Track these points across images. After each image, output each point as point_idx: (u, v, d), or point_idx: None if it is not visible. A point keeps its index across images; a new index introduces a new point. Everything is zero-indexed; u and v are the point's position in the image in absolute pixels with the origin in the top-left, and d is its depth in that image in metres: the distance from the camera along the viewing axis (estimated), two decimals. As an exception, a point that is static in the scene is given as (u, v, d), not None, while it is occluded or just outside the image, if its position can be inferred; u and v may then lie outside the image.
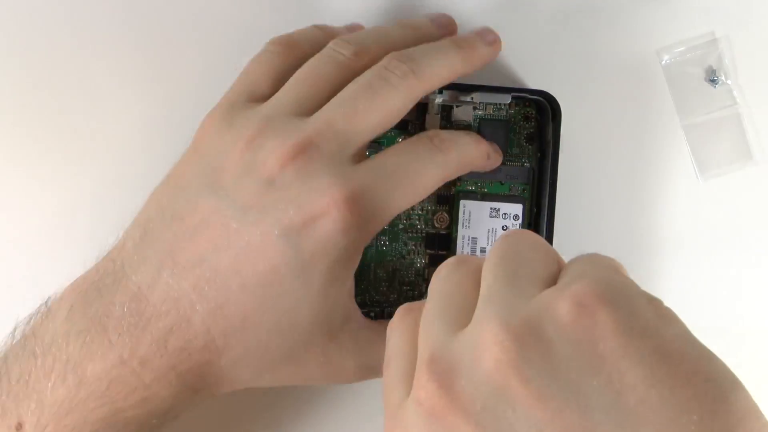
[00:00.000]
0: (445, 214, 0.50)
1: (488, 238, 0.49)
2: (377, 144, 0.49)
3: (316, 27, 0.46)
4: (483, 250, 0.49)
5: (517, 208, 0.49)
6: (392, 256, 0.50)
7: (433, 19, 0.48)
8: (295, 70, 0.44)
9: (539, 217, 0.49)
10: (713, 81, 0.52)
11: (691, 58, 0.52)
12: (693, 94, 0.52)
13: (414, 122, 0.50)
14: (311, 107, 0.42)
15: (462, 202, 0.49)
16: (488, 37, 0.46)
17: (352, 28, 0.48)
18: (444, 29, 0.48)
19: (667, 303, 0.52)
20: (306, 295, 0.41)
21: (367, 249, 0.50)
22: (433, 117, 0.49)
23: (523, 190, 0.50)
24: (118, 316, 0.40)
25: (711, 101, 0.52)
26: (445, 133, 0.45)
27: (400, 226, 0.50)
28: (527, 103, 0.50)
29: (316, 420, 0.52)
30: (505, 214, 0.49)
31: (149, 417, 0.41)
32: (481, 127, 0.50)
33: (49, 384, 0.40)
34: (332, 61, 0.43)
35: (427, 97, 0.48)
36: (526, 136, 0.50)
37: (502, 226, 0.49)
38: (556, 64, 0.52)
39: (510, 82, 0.51)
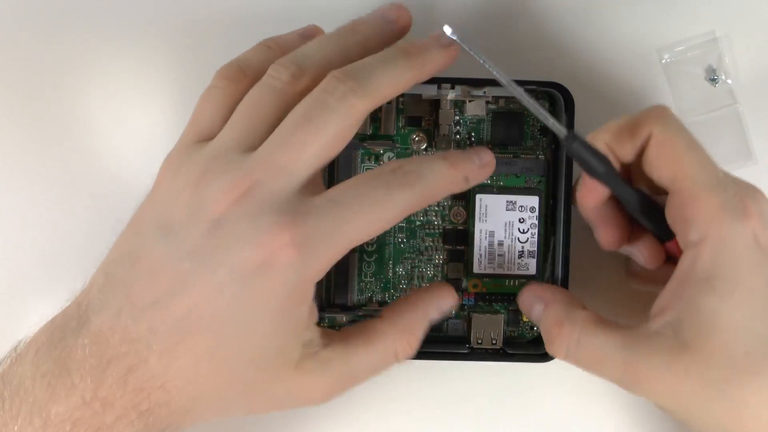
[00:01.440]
0: (462, 209, 0.50)
1: (506, 231, 0.49)
2: (391, 141, 0.50)
3: (265, 45, 0.46)
4: (500, 244, 0.49)
5: (533, 200, 0.49)
6: (410, 253, 0.50)
7: (382, 13, 0.46)
8: (240, 99, 0.44)
9: (556, 209, 0.49)
10: (713, 80, 0.52)
11: (691, 57, 0.52)
12: (693, 92, 0.52)
13: (428, 118, 0.50)
14: (254, 142, 0.42)
15: (478, 196, 0.49)
16: (443, 40, 0.44)
17: (306, 34, 0.47)
18: (392, 24, 0.46)
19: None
20: (259, 332, 0.41)
21: (384, 247, 0.50)
22: (446, 112, 0.49)
23: (539, 182, 0.50)
24: (80, 359, 0.40)
25: (711, 100, 0.52)
26: (410, 164, 0.42)
27: (417, 223, 0.50)
28: (540, 95, 0.50)
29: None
30: (521, 206, 0.49)
31: None
32: (494, 121, 0.50)
33: (16, 427, 0.40)
34: (270, 90, 0.43)
35: (439, 93, 0.48)
36: (540, 129, 0.50)
37: (519, 219, 0.49)
38: (557, 63, 0.52)
39: (524, 76, 0.51)
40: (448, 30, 0.43)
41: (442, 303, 0.46)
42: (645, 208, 0.44)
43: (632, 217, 0.46)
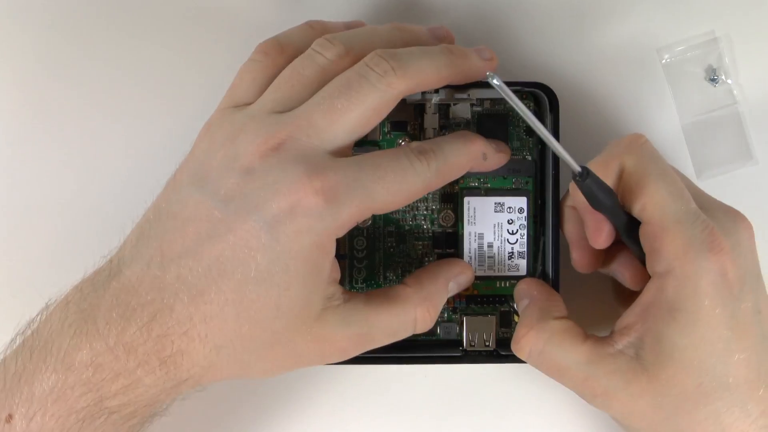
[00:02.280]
0: (450, 212, 0.50)
1: (495, 233, 0.49)
2: (377, 146, 0.50)
3: (309, 25, 0.47)
4: (490, 246, 0.49)
5: (521, 201, 0.49)
6: (400, 257, 0.50)
7: (430, 29, 0.48)
8: (277, 73, 0.45)
9: (544, 209, 0.49)
10: (713, 80, 0.52)
11: (691, 57, 0.52)
12: (693, 93, 0.52)
13: (413, 122, 0.50)
14: (293, 105, 0.43)
15: (466, 199, 0.49)
16: (484, 53, 0.46)
17: (351, 26, 0.48)
18: (440, 41, 0.48)
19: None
20: (284, 281, 0.41)
21: (374, 252, 0.50)
22: (430, 116, 0.49)
23: (527, 182, 0.50)
24: (108, 307, 0.42)
25: (711, 100, 0.52)
26: (428, 144, 0.44)
27: (407, 228, 0.50)
28: (524, 96, 0.50)
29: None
30: (510, 207, 0.49)
31: (134, 408, 0.42)
32: (480, 123, 0.50)
33: (40, 375, 0.41)
34: (313, 62, 0.44)
35: (423, 97, 0.48)
36: (525, 129, 0.50)
37: (508, 220, 0.49)
38: (557, 62, 0.52)
39: (508, 77, 0.51)
40: (492, 77, 0.43)
41: (461, 277, 0.48)
42: (633, 233, 0.45)
43: (618, 240, 0.46)
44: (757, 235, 0.51)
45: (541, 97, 0.49)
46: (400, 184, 0.43)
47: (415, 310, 0.45)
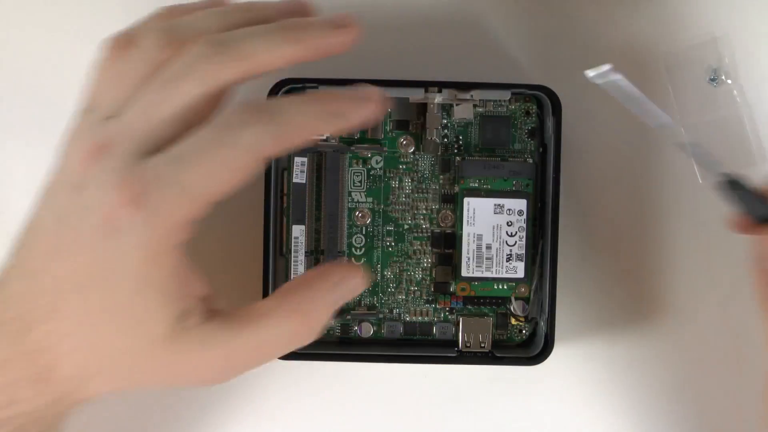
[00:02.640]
0: (450, 213, 0.50)
1: (494, 234, 0.49)
2: (378, 144, 0.50)
3: (158, 14, 0.44)
4: (489, 247, 0.49)
5: (521, 204, 0.49)
6: (398, 256, 0.50)
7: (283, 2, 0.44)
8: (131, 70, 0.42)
9: (544, 212, 0.49)
10: (714, 81, 0.52)
11: (691, 58, 0.52)
12: (693, 94, 0.52)
13: (415, 122, 0.50)
14: (119, 110, 0.40)
15: (466, 200, 0.49)
16: (337, 20, 0.41)
17: (211, 3, 0.44)
18: (291, 15, 0.43)
19: (666, 301, 0.52)
20: (122, 300, 0.40)
21: (372, 251, 0.50)
22: (433, 116, 0.49)
23: (527, 185, 0.50)
24: None
25: (712, 101, 0.52)
26: (267, 103, 0.40)
27: (405, 227, 0.50)
28: (527, 99, 0.50)
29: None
30: (509, 209, 0.49)
31: (22, 421, 0.41)
32: (482, 124, 0.50)
33: None
34: (140, 59, 0.41)
35: (426, 97, 0.48)
36: (527, 132, 0.50)
37: (507, 222, 0.49)
38: (557, 63, 0.52)
39: (510, 79, 0.51)
40: (606, 67, 0.41)
41: (343, 285, 0.43)
42: None
43: None
44: (756, 236, 0.51)
45: (544, 99, 0.49)
46: (222, 158, 0.38)
47: (283, 325, 0.42)
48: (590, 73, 0.40)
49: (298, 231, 0.49)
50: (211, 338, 0.41)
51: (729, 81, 0.52)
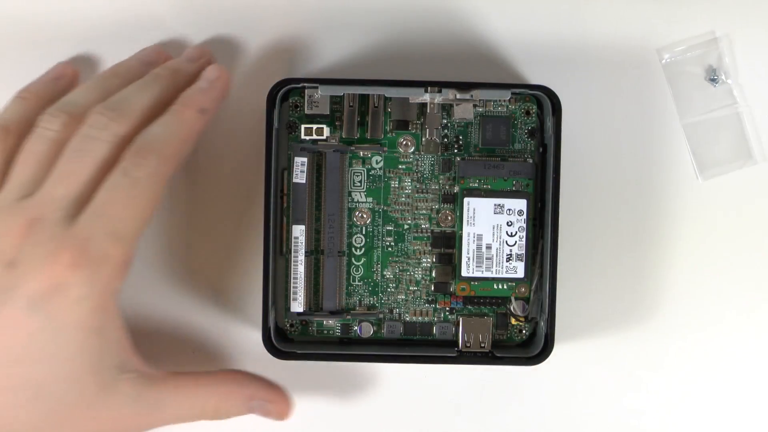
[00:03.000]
0: (450, 213, 0.50)
1: (494, 234, 0.49)
2: (378, 144, 0.50)
3: (20, 97, 0.48)
4: (489, 247, 0.49)
5: (521, 204, 0.49)
6: (398, 256, 0.50)
7: (143, 59, 0.50)
8: (14, 154, 0.46)
9: (544, 212, 0.49)
10: (713, 80, 0.52)
11: (691, 57, 0.52)
12: (693, 93, 0.52)
13: (415, 122, 0.50)
14: (34, 188, 0.44)
15: (466, 200, 0.49)
16: (192, 54, 0.50)
17: (58, 76, 0.50)
18: (150, 64, 0.49)
19: (666, 300, 0.52)
20: (67, 353, 0.43)
21: (372, 251, 0.50)
22: (433, 116, 0.49)
23: (527, 185, 0.50)
24: None
25: (711, 100, 0.52)
26: (141, 140, 0.45)
27: (405, 227, 0.50)
28: (527, 99, 0.50)
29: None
30: (509, 209, 0.49)
31: None
32: (482, 124, 0.50)
33: None
34: (45, 140, 0.45)
35: (427, 97, 0.48)
36: (527, 132, 0.50)
37: (507, 222, 0.49)
38: (557, 62, 0.52)
39: (510, 79, 0.51)
40: None
41: (270, 405, 0.48)
42: None
43: None
44: (757, 236, 0.51)
45: (544, 99, 0.49)
46: (136, 201, 0.44)
47: (208, 400, 0.47)
48: None
49: (298, 231, 0.49)
50: (145, 391, 0.45)
51: (729, 81, 0.52)
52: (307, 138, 0.49)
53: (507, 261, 0.49)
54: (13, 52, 0.51)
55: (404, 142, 0.50)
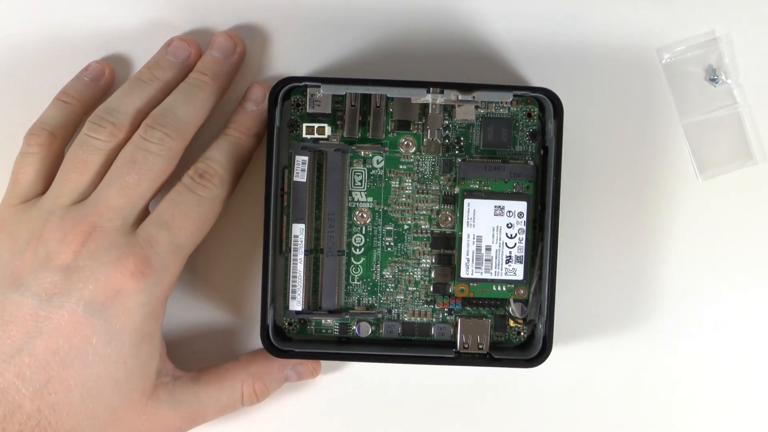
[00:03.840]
0: (450, 213, 0.50)
1: (493, 236, 0.49)
2: (380, 144, 0.50)
3: (61, 100, 0.49)
4: (488, 248, 0.49)
5: (521, 206, 0.49)
6: (398, 256, 0.50)
7: (173, 53, 0.50)
8: (59, 158, 0.48)
9: (544, 214, 0.49)
10: (713, 80, 0.52)
11: (691, 57, 0.52)
12: (693, 93, 0.52)
13: (417, 123, 0.50)
14: (85, 193, 0.46)
15: (467, 201, 0.49)
16: (227, 47, 0.50)
17: (94, 76, 0.50)
18: (184, 63, 0.50)
19: (665, 301, 0.52)
20: (120, 357, 0.45)
21: (372, 250, 0.50)
22: (435, 117, 0.49)
23: (527, 187, 0.50)
24: None
25: (711, 100, 0.52)
26: (203, 164, 0.47)
27: (405, 227, 0.50)
28: (529, 101, 0.50)
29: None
30: (509, 211, 0.49)
31: None
32: (483, 126, 0.50)
33: None
34: (93, 149, 0.46)
35: (429, 98, 0.48)
36: (528, 134, 0.50)
37: (507, 224, 0.49)
38: (557, 63, 0.52)
39: (511, 79, 0.51)
40: None
41: (301, 367, 0.51)
42: None
43: None
44: (757, 235, 0.51)
45: (545, 102, 0.49)
46: (197, 217, 0.47)
47: (242, 387, 0.49)
48: None
49: (298, 229, 0.49)
50: (181, 394, 0.48)
51: (729, 80, 0.52)
52: (309, 137, 0.49)
53: (506, 263, 0.49)
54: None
55: (405, 143, 0.50)
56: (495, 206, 0.49)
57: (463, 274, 0.49)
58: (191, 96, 0.48)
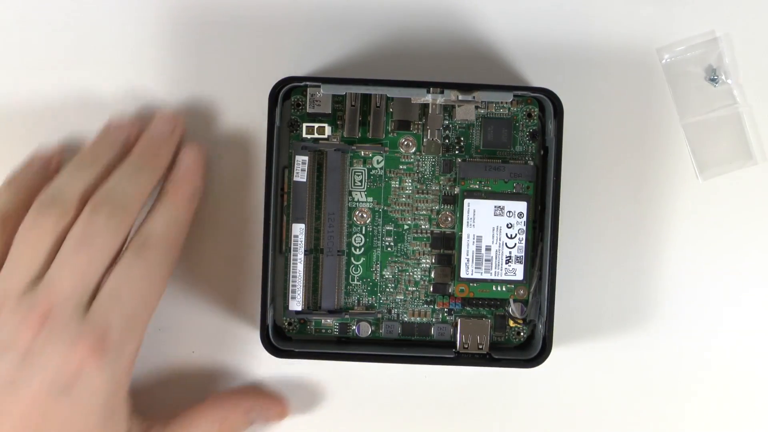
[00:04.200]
0: (450, 214, 0.50)
1: (493, 236, 0.49)
2: (380, 144, 0.50)
3: (8, 183, 0.49)
4: (488, 249, 0.49)
5: (521, 206, 0.49)
6: (398, 256, 0.50)
7: (114, 136, 0.50)
8: (10, 239, 0.47)
9: (544, 214, 0.49)
10: (713, 80, 0.52)
11: (691, 57, 0.52)
12: (693, 93, 0.52)
13: (417, 123, 0.50)
14: (38, 275, 0.45)
15: (467, 201, 0.49)
16: (163, 126, 0.50)
17: (45, 165, 0.50)
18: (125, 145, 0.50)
19: (665, 302, 0.52)
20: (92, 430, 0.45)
21: (372, 250, 0.50)
22: (435, 117, 0.49)
23: (528, 187, 0.50)
24: None
25: (711, 100, 0.52)
26: (144, 231, 0.47)
27: (405, 227, 0.50)
28: (529, 101, 0.50)
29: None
30: (509, 212, 0.49)
31: None
32: (484, 126, 0.50)
33: None
34: (41, 231, 0.46)
35: (429, 97, 0.48)
36: (529, 134, 0.50)
37: (507, 224, 0.49)
38: (557, 63, 0.52)
39: (510, 79, 0.51)
40: None
41: (266, 410, 0.51)
42: None
43: None
44: (757, 236, 0.51)
45: (546, 102, 0.49)
46: (151, 287, 0.47)
47: (213, 427, 0.50)
48: None
49: (298, 229, 0.49)
50: None
51: (729, 81, 0.52)
52: (309, 137, 0.49)
53: (506, 263, 0.49)
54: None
55: (405, 143, 0.50)
56: (495, 206, 0.49)
57: (463, 275, 0.49)
58: (134, 174, 0.48)
